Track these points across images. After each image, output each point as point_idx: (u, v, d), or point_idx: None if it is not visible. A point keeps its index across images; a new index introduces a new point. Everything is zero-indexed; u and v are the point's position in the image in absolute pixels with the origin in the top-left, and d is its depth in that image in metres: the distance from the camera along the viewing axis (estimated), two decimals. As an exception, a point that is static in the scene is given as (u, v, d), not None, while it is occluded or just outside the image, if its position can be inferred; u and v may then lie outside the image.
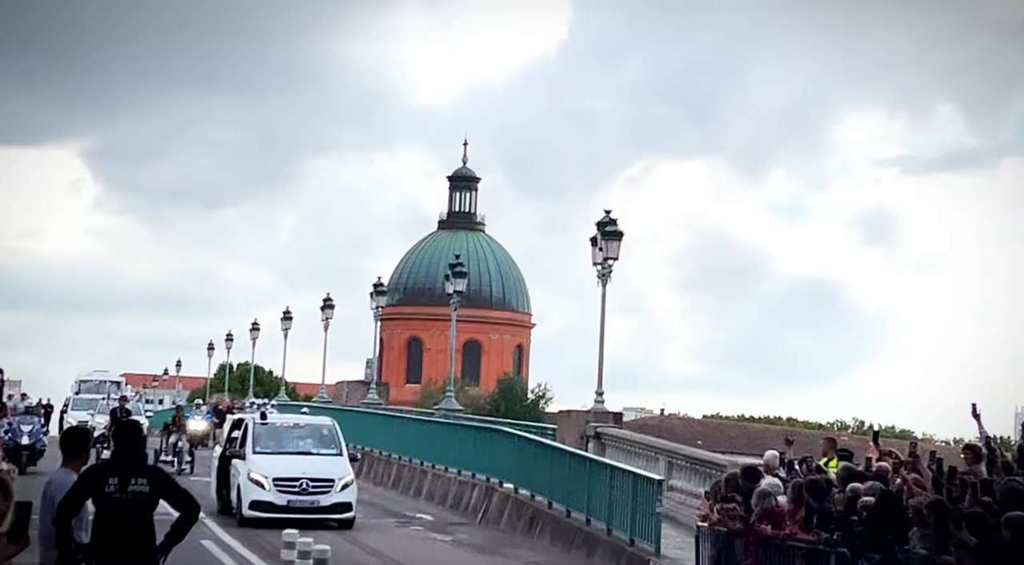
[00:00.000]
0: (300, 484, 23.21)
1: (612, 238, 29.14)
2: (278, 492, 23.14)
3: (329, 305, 54.26)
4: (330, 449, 24.58)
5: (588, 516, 21.81)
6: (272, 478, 23.22)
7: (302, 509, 22.97)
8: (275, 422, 25.66)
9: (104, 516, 8.79)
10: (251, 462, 23.74)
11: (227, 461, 24.85)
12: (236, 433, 25.32)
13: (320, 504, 23.18)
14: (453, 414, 38.13)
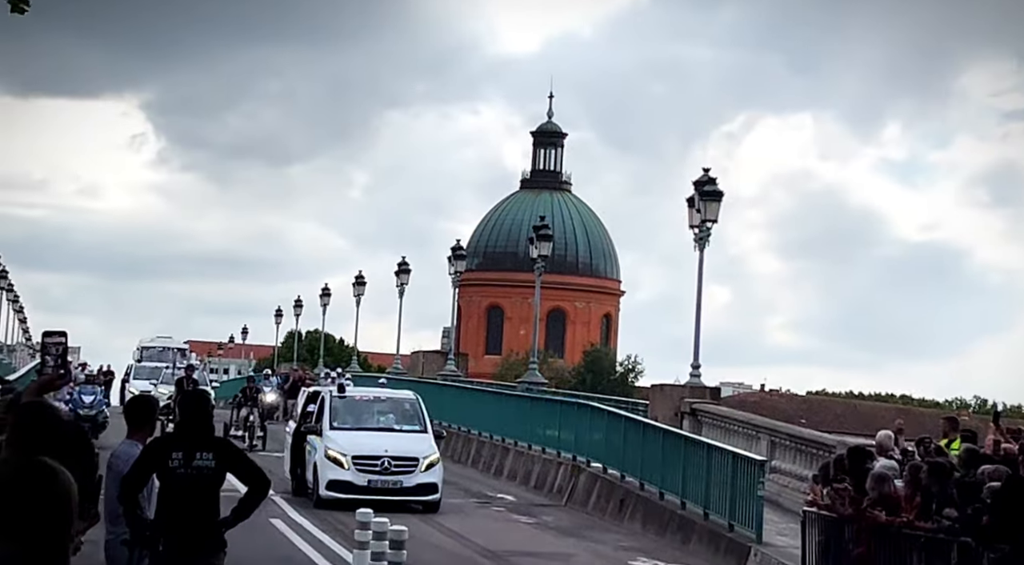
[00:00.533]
0: (382, 463, 22.78)
1: (711, 199, 28.87)
2: (358, 471, 22.75)
3: (404, 270, 54.52)
4: (413, 425, 24.19)
5: (683, 499, 21.73)
6: (351, 456, 22.82)
7: (384, 490, 22.51)
8: (354, 395, 25.34)
9: (168, 491, 8.89)
10: (328, 439, 23.32)
11: (302, 437, 24.46)
12: (312, 407, 24.96)
13: (403, 485, 22.78)
14: (536, 388, 38.19)
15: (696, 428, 26.44)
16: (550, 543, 20.97)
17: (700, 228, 28.85)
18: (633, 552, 20.14)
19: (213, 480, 8.97)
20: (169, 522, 8.78)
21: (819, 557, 15.22)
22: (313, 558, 17.53)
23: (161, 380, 47.16)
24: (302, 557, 17.64)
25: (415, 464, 22.93)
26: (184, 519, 8.82)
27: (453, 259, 48.97)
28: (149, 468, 8.94)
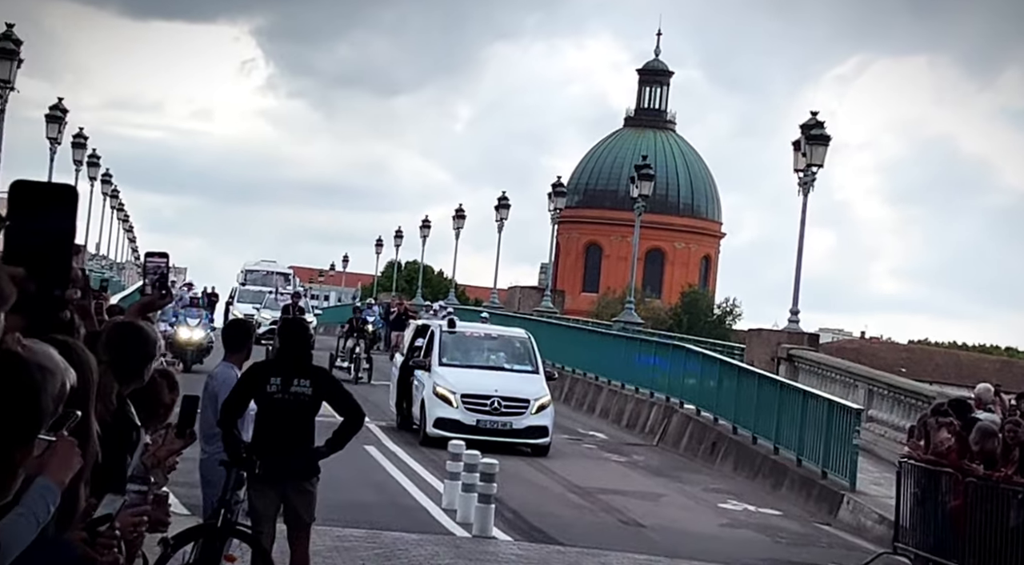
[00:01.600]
0: (491, 403, 21.99)
1: (818, 143, 28.44)
2: (466, 410, 21.95)
3: (504, 204, 54.54)
4: (524, 365, 23.45)
5: (776, 444, 21.62)
6: (460, 394, 22.07)
7: (492, 431, 21.72)
8: (464, 331, 24.63)
9: (265, 416, 9.03)
10: (437, 375, 22.61)
11: (409, 372, 23.74)
12: (420, 341, 24.27)
13: (513, 426, 21.96)
14: (632, 327, 38.07)
15: (792, 374, 26.23)
16: (640, 482, 21.00)
17: (805, 172, 28.46)
18: (723, 494, 20.10)
19: (309, 407, 9.08)
20: (265, 445, 8.92)
21: (914, 508, 15.05)
22: (405, 486, 17.74)
23: (264, 305, 46.86)
24: (394, 484, 17.85)
25: (526, 406, 22.16)
26: (279, 443, 8.96)
27: (553, 196, 48.88)
28: (248, 392, 9.07)
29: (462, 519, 14.94)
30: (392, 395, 24.76)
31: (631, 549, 14.66)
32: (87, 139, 52.06)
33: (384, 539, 13.55)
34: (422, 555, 12.90)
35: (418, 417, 22.77)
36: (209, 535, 8.81)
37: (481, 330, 25.58)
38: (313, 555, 11.80)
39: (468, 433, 20.70)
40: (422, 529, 14.60)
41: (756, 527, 17.55)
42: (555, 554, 13.94)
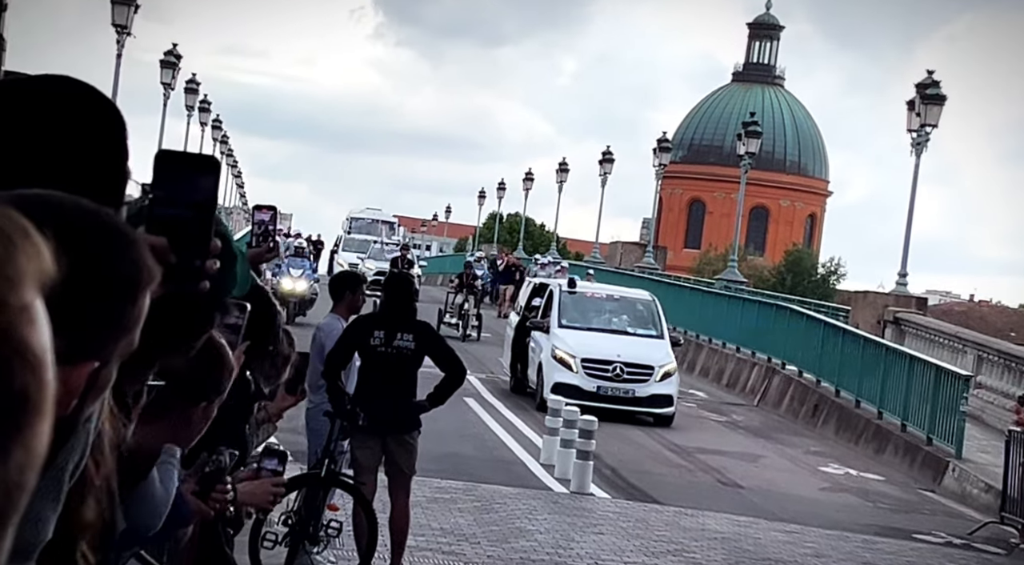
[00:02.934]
0: (613, 369, 20.82)
1: (932, 102, 27.89)
2: (587, 376, 20.79)
3: (608, 159, 54.33)
4: (648, 329, 22.25)
5: (880, 408, 21.38)
6: (580, 359, 20.92)
7: (614, 398, 20.62)
8: (585, 292, 23.31)
9: (368, 368, 9.13)
10: (556, 337, 21.45)
11: (525, 333, 22.61)
12: (537, 300, 23.27)
13: (635, 394, 20.80)
14: (735, 286, 37.78)
15: (899, 338, 25.87)
16: (739, 442, 20.90)
17: (918, 132, 27.95)
18: (824, 458, 19.95)
19: (411, 361, 9.17)
20: (367, 398, 9.01)
21: (1022, 477, 14.81)
22: (504, 440, 17.84)
23: (369, 254, 46.20)
24: (493, 438, 17.96)
25: (650, 372, 20.94)
26: (382, 396, 9.05)
27: (658, 151, 48.57)
28: (352, 345, 9.17)
29: (560, 475, 15.00)
30: (506, 356, 23.80)
31: (729, 510, 14.62)
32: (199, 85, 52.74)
33: (482, 492, 13.66)
34: (520, 509, 12.99)
35: (534, 381, 21.73)
36: (313, 484, 8.94)
37: (603, 291, 24.21)
38: (412, 506, 11.94)
39: (588, 400, 19.81)
40: (520, 483, 14.69)
41: (857, 492, 17.39)
42: (652, 513, 13.95)
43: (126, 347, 1.37)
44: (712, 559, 11.87)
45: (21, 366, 0.72)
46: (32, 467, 0.74)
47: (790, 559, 12.28)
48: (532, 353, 22.10)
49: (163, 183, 1.85)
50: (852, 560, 12.68)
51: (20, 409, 0.73)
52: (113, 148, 1.79)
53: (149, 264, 1.36)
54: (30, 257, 0.73)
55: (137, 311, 1.36)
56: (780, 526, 14.04)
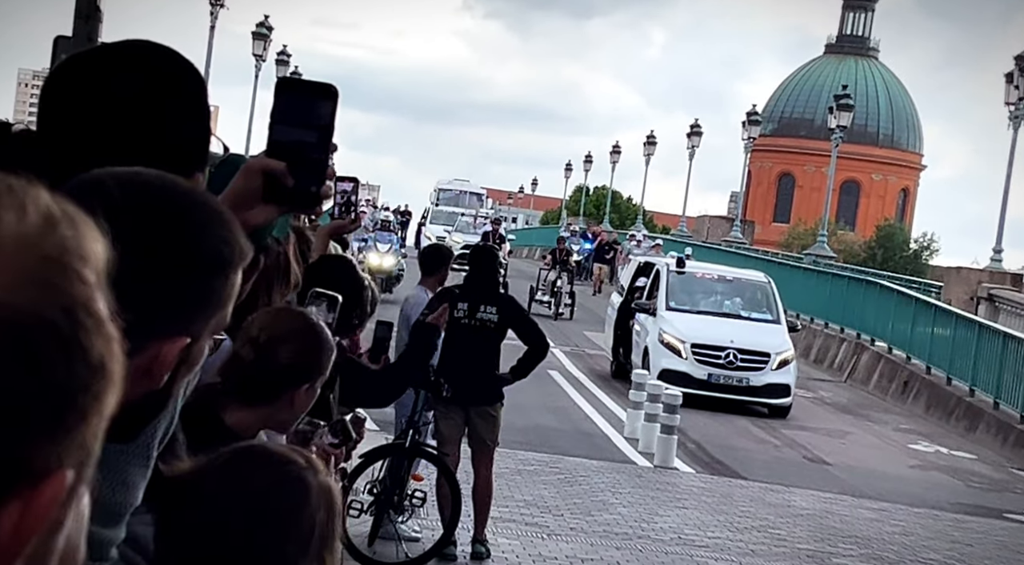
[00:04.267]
0: (726, 355, 19.59)
1: (1030, 73, 27.38)
2: (697, 362, 19.62)
3: (696, 132, 53.99)
4: (763, 313, 20.95)
5: (972, 386, 21.12)
6: (690, 344, 19.74)
7: (726, 387, 19.53)
8: (695, 272, 21.89)
9: (452, 341, 9.20)
10: (664, 320, 20.21)
11: (629, 315, 21.48)
12: (642, 280, 22.02)
13: (750, 383, 19.55)
14: (824, 260, 37.41)
15: (992, 314, 25.51)
16: (826, 419, 20.76)
17: (1016, 106, 27.47)
18: (914, 435, 19.75)
19: (495, 334, 9.27)
20: (451, 369, 9.09)
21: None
22: (588, 413, 17.88)
23: (457, 227, 44.99)
24: (577, 411, 18.01)
25: (766, 360, 19.67)
26: (465, 368, 9.13)
27: (747, 124, 48.19)
28: None
29: (644, 449, 15.01)
30: (608, 339, 22.56)
31: (816, 487, 14.54)
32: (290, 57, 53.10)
33: (566, 464, 13.72)
34: (603, 482, 13.03)
35: (638, 366, 20.00)
36: (397, 454, 9.05)
37: (715, 272, 22.64)
38: (496, 477, 12.03)
39: (698, 388, 19.05)
40: (603, 457, 14.72)
41: (948, 470, 17.21)
42: (737, 488, 13.92)
43: (218, 324, 1.40)
44: (797, 536, 11.83)
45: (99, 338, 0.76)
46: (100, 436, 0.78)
47: (877, 537, 12.20)
48: (636, 337, 20.93)
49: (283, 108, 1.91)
50: (941, 539, 12.57)
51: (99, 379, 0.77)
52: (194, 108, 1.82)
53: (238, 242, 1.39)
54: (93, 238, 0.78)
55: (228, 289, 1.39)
56: (867, 503, 13.95)
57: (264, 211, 2.01)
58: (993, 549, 12.45)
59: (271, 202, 1.99)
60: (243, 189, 1.99)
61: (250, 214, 2.03)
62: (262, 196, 1.99)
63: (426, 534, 9.52)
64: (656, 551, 10.55)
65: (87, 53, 1.84)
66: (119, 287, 0.80)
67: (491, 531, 10.34)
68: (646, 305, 20.78)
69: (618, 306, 22.28)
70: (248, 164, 2.02)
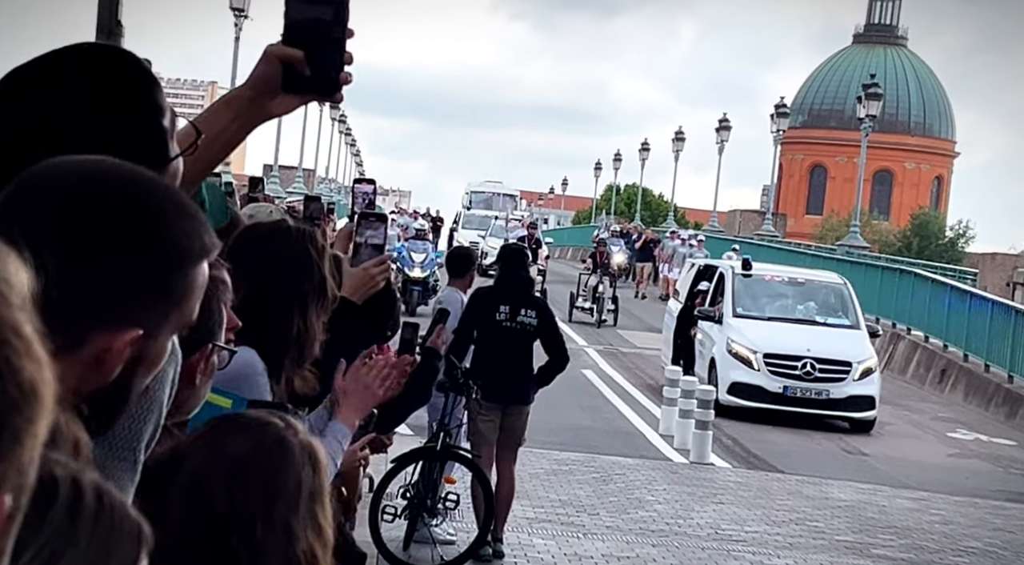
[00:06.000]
0: (803, 365, 17.97)
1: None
2: (770, 374, 17.99)
3: (725, 126, 53.83)
4: (841, 318, 19.30)
5: (1011, 372, 20.97)
6: (763, 354, 18.11)
7: (804, 400, 17.91)
8: (763, 275, 20.17)
9: (491, 341, 9.26)
10: (731, 329, 18.61)
11: (690, 322, 19.92)
12: (704, 285, 20.40)
13: (830, 395, 17.91)
14: (858, 251, 37.20)
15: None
16: (864, 410, 20.62)
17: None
18: (953, 423, 19.62)
19: (533, 336, 9.40)
20: (491, 370, 9.15)
21: None
22: (622, 411, 17.85)
23: (491, 231, 43.20)
24: (611, 409, 17.98)
25: (847, 370, 18.04)
26: (505, 368, 9.23)
27: (776, 116, 47.98)
28: (478, 319, 9.30)
29: (679, 445, 14.98)
30: (667, 351, 20.69)
31: (854, 478, 14.47)
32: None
33: (601, 463, 13.70)
34: (639, 479, 13.00)
35: (703, 380, 18.24)
36: (429, 458, 9.06)
37: (784, 273, 20.95)
38: (531, 477, 12.08)
39: (772, 403, 17.77)
40: (639, 454, 14.70)
41: (988, 458, 17.09)
42: (774, 482, 13.87)
43: (178, 321, 1.36)
44: (836, 528, 11.77)
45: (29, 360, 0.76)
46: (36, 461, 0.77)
47: (916, 526, 12.13)
48: (700, 347, 19.34)
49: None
50: (982, 527, 12.48)
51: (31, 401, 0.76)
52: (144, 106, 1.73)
53: (201, 236, 1.36)
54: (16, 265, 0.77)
55: (187, 283, 1.34)
56: (906, 493, 13.87)
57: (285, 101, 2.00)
58: (1034, 536, 12.36)
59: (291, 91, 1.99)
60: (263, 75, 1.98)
61: (273, 104, 2.02)
62: (281, 85, 1.98)
63: (460, 537, 9.53)
64: (693, 547, 10.52)
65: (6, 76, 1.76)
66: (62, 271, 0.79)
67: (528, 531, 10.35)
68: (710, 312, 19.23)
69: (677, 313, 20.72)
70: (267, 51, 2.00)
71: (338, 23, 1.96)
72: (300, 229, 3.32)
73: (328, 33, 1.95)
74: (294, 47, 1.95)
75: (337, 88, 2.01)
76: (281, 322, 3.10)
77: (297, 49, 1.95)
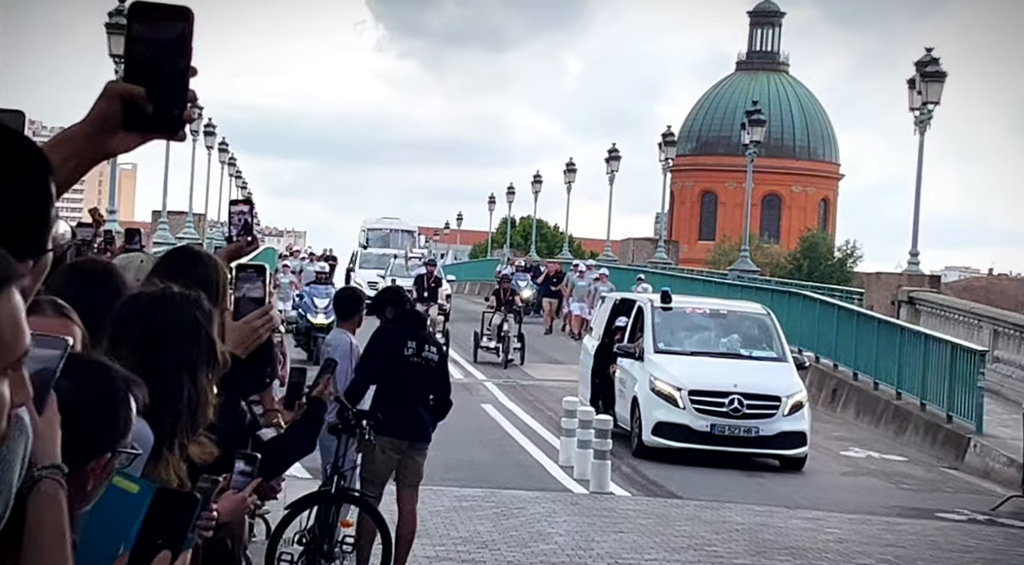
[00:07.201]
0: (730, 402, 17.04)
1: (932, 79, 27.83)
2: (696, 412, 17.08)
3: (615, 156, 54.29)
4: (766, 351, 18.43)
5: (898, 389, 21.35)
6: (688, 391, 17.22)
7: (732, 439, 17.01)
8: (684, 307, 19.26)
9: (397, 377, 9.26)
10: (654, 365, 17.69)
11: (608, 360, 19.13)
12: (622, 320, 19.52)
13: (760, 433, 16.98)
14: (748, 275, 37.70)
15: (914, 317, 25.82)
16: (760, 432, 20.84)
17: (921, 111, 27.89)
18: (846, 442, 19.91)
19: (434, 373, 9.44)
20: (397, 407, 9.18)
21: (1040, 451, 14.77)
22: (522, 443, 17.85)
23: (391, 271, 41.24)
24: (511, 443, 17.97)
25: (776, 405, 17.11)
26: (411, 405, 9.28)
27: (664, 145, 48.53)
28: (387, 355, 9.29)
29: (579, 476, 15.02)
30: (584, 390, 19.87)
31: (751, 501, 14.61)
32: (202, 109, 52.69)
33: (501, 497, 13.68)
34: (540, 512, 13.00)
35: (624, 420, 17.73)
36: (324, 501, 8.98)
37: (705, 305, 20.15)
38: (432, 514, 12.02)
39: (700, 442, 16.97)
40: (540, 486, 14.70)
41: (880, 474, 17.37)
42: (673, 508, 13.95)
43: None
44: (734, 551, 11.86)
45: None
46: None
47: (812, 546, 12.27)
48: (621, 386, 18.48)
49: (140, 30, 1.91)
50: (875, 543, 12.66)
51: None
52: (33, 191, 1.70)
53: None
54: None
55: None
56: (802, 513, 14.03)
57: (126, 139, 1.96)
58: (926, 549, 12.56)
59: (132, 129, 1.95)
60: (103, 113, 1.94)
61: (113, 141, 1.97)
62: (122, 123, 1.95)
63: (360, 579, 9.44)
64: (593, 578, 10.53)
65: None
66: None
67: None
68: (630, 348, 18.34)
69: (594, 351, 19.82)
70: (107, 88, 1.96)
71: (181, 59, 1.94)
72: (186, 295, 3.28)
73: (171, 70, 1.93)
74: (136, 84, 1.92)
75: (180, 126, 1.99)
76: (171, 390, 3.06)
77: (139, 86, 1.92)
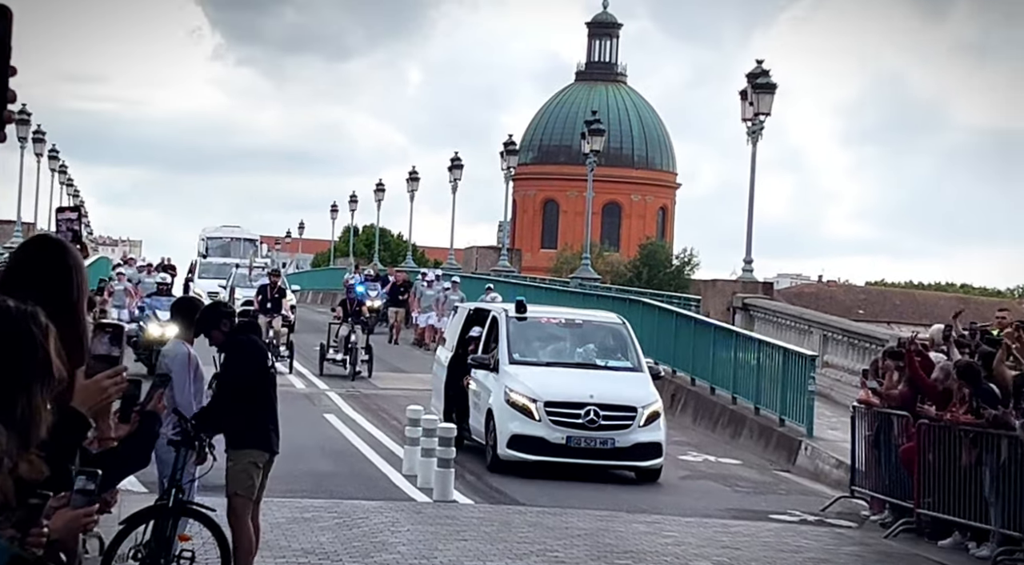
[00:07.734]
0: (586, 413, 16.75)
1: (764, 91, 28.47)
2: (552, 424, 16.77)
3: (458, 165, 54.40)
4: (622, 361, 18.21)
5: (734, 394, 21.80)
6: (543, 402, 16.89)
7: (588, 451, 16.74)
8: (539, 317, 18.88)
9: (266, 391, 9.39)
10: (508, 376, 17.34)
11: (462, 372, 18.66)
12: (476, 330, 18.97)
13: (616, 444, 16.77)
14: (589, 283, 38.15)
15: (748, 323, 26.41)
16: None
17: (753, 121, 28.51)
18: (684, 446, 20.26)
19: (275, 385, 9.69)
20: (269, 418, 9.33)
21: (868, 451, 15.26)
22: (365, 453, 17.77)
23: (233, 281, 39.71)
24: (354, 452, 17.88)
25: (632, 416, 16.91)
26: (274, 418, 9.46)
27: (506, 154, 48.77)
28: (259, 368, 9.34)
29: (423, 484, 15.01)
30: (438, 403, 19.27)
31: (591, 506, 14.77)
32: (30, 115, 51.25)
33: (344, 508, 13.60)
34: (383, 522, 12.96)
35: (479, 433, 17.56)
36: (162, 515, 8.83)
37: (562, 315, 19.64)
38: (273, 527, 11.88)
39: (555, 455, 16.69)
40: (383, 496, 14.66)
41: (716, 477, 17.71)
42: (516, 515, 14.03)
43: None
44: (576, 557, 11.98)
45: None
46: None
47: (651, 549, 12.46)
48: (475, 398, 18.07)
49: None
50: (711, 545, 12.92)
51: None
52: None
53: None
54: None
55: None
56: (642, 517, 14.25)
57: None
58: (759, 550, 12.87)
59: None
60: None
61: None
62: None
63: (200, 594, 9.29)
64: (436, 586, 10.53)
65: None
66: None
67: (268, 584, 10.17)
68: (484, 360, 17.93)
69: (447, 362, 19.32)
70: None
71: None
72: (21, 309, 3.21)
73: None
74: None
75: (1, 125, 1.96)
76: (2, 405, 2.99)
77: None
